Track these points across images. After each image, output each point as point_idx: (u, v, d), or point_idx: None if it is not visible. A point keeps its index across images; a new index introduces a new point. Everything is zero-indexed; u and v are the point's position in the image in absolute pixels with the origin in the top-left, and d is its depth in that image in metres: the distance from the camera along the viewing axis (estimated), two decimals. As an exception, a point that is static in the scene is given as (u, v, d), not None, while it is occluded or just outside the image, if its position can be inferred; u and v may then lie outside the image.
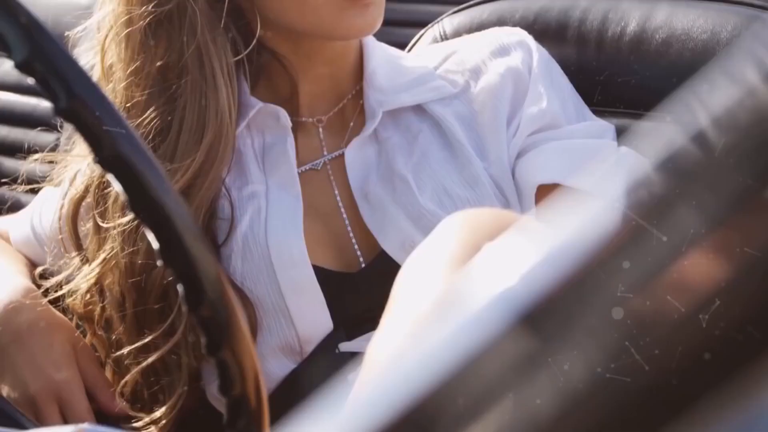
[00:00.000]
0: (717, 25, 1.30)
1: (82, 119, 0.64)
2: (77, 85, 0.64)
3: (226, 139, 1.21)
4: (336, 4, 1.20)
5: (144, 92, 1.21)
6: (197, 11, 1.20)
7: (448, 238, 0.78)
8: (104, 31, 1.24)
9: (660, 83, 1.32)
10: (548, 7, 1.41)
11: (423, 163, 1.26)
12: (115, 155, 0.65)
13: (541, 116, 1.26)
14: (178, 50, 1.21)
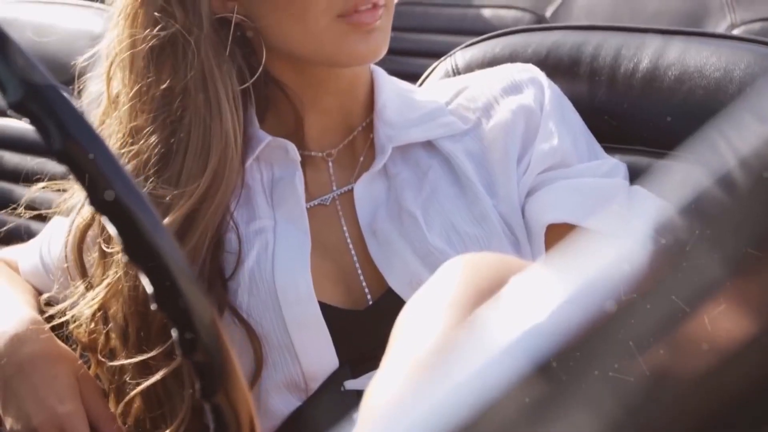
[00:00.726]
0: (730, 63, 1.29)
1: (77, 161, 0.64)
2: (72, 126, 0.63)
3: (231, 164, 1.21)
4: (338, 30, 1.19)
5: (148, 116, 1.21)
6: (202, 37, 1.20)
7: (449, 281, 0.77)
8: (110, 58, 1.24)
9: (672, 121, 1.31)
10: (561, 42, 1.40)
11: (432, 199, 1.25)
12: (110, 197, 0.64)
13: (552, 154, 1.25)
14: (182, 75, 1.20)
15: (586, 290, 0.36)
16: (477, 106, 1.30)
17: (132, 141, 1.22)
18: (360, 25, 1.19)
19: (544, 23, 2.49)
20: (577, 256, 0.38)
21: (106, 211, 0.65)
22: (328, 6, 1.18)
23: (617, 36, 1.38)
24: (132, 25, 1.22)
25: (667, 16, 2.30)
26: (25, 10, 1.95)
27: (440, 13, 2.69)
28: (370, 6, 1.20)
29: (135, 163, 1.22)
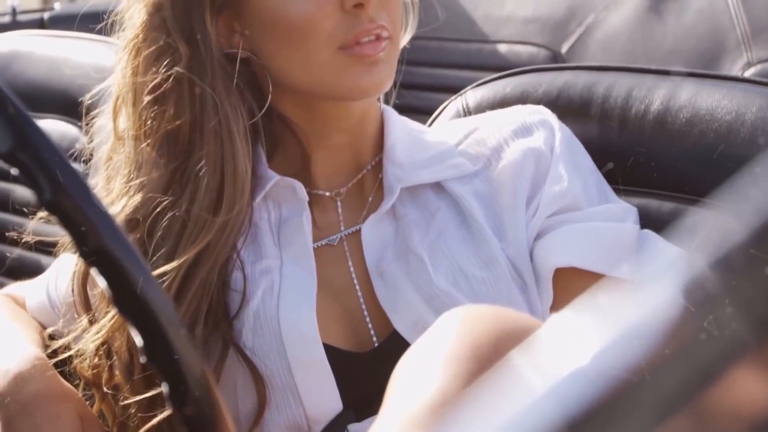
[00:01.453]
0: (742, 106, 1.28)
1: (66, 211, 0.63)
2: (62, 177, 0.63)
3: (241, 201, 1.21)
4: (340, 62, 1.19)
5: (154, 151, 1.21)
6: (211, 72, 1.20)
7: (446, 335, 0.76)
8: (115, 93, 1.24)
9: (683, 164, 1.30)
10: (572, 82, 1.39)
11: (439, 241, 1.24)
12: (99, 249, 0.63)
13: (562, 198, 1.24)
14: (189, 110, 1.20)
15: (623, 339, 0.36)
16: (487, 148, 1.29)
17: (138, 175, 1.22)
18: (362, 57, 1.19)
19: (560, 59, 2.48)
20: (608, 307, 0.37)
21: (96, 263, 0.64)
22: (329, 38, 1.18)
23: (629, 77, 1.37)
24: (136, 61, 1.22)
25: (683, 54, 2.29)
26: (38, 43, 1.96)
27: (456, 48, 2.68)
28: (372, 38, 1.19)
29: (141, 197, 1.22)
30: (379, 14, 1.20)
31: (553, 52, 2.51)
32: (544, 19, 2.55)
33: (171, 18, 1.20)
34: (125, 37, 1.25)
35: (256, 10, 1.20)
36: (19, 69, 1.93)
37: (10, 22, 2.54)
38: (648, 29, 2.38)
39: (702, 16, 2.32)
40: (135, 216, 1.22)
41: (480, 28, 2.66)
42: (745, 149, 1.26)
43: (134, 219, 1.22)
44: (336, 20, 1.18)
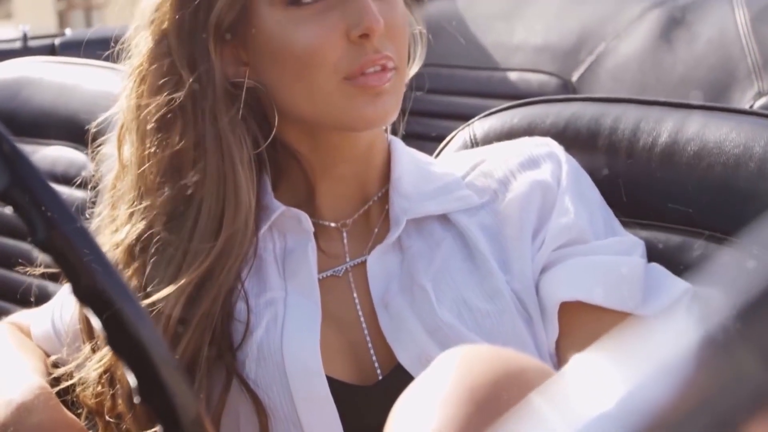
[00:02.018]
0: (750, 140, 1.27)
1: (60, 251, 0.63)
2: (56, 215, 0.62)
3: (244, 231, 1.20)
4: (345, 93, 1.18)
5: (157, 178, 1.21)
6: (215, 101, 1.20)
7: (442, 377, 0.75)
8: (120, 121, 1.25)
9: (691, 196, 1.29)
10: (580, 113, 1.38)
11: (444, 272, 1.24)
12: (92, 288, 0.63)
13: (568, 231, 1.23)
14: (193, 138, 1.20)
15: (647, 383, 0.35)
16: (493, 180, 1.28)
17: (141, 202, 1.22)
18: (367, 87, 1.18)
19: (570, 88, 2.47)
20: (630, 349, 0.36)
21: (89, 302, 0.63)
22: (334, 68, 1.18)
23: (637, 109, 1.36)
24: (140, 89, 1.22)
25: (693, 84, 2.28)
26: (48, 69, 1.96)
27: (466, 75, 2.68)
28: (378, 68, 1.19)
29: (144, 224, 1.22)
30: (384, 45, 1.19)
31: (564, 80, 2.50)
32: (555, 48, 2.55)
33: (176, 46, 1.20)
34: (131, 64, 1.25)
35: (261, 40, 1.20)
36: (28, 95, 1.93)
37: (21, 48, 2.55)
38: (659, 58, 2.37)
39: (713, 45, 2.31)
40: (138, 243, 1.22)
41: (491, 55, 2.65)
42: (753, 183, 1.25)
43: (137, 246, 1.22)
44: (341, 50, 1.18)
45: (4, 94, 1.96)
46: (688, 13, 2.41)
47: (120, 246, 1.23)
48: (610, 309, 1.21)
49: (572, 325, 1.21)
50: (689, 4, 2.43)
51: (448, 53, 2.72)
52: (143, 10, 1.23)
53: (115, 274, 0.63)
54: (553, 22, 2.61)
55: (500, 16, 2.73)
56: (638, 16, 2.48)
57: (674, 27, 2.40)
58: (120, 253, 1.23)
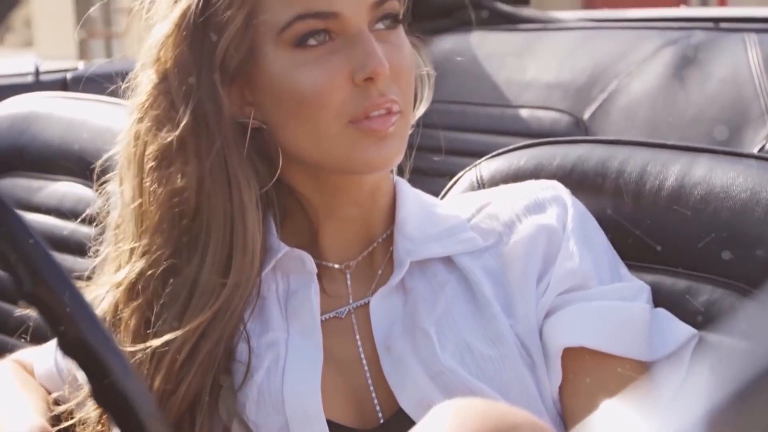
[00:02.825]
0: (757, 185, 1.26)
1: (45, 303, 0.62)
2: (42, 268, 0.62)
3: (250, 273, 1.20)
4: (349, 136, 1.18)
5: (158, 217, 1.21)
6: (223, 141, 1.19)
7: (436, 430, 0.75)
8: (122, 159, 1.24)
9: (697, 241, 1.28)
10: (587, 155, 1.38)
11: (447, 316, 1.23)
12: (78, 342, 0.62)
13: (573, 275, 1.23)
14: (196, 176, 1.20)
15: None
16: (499, 223, 1.27)
17: (143, 240, 1.22)
18: (372, 131, 1.18)
19: (582, 125, 2.47)
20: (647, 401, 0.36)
21: (74, 353, 0.63)
22: (338, 112, 1.17)
23: (643, 151, 1.36)
24: (142, 126, 1.22)
25: (705, 123, 2.27)
26: (57, 105, 1.96)
27: (478, 112, 2.68)
28: (383, 112, 1.18)
29: (146, 262, 1.21)
30: (390, 88, 1.19)
31: (576, 118, 2.50)
32: (567, 85, 2.55)
33: (179, 85, 1.20)
34: (135, 102, 1.25)
35: (267, 81, 1.20)
36: (37, 130, 1.93)
37: (33, 82, 2.56)
38: (671, 97, 2.36)
39: (725, 84, 2.31)
40: (139, 281, 1.22)
41: (503, 92, 2.65)
42: (760, 228, 1.24)
43: (138, 284, 1.22)
44: (346, 93, 1.17)
45: (14, 129, 1.97)
46: (701, 51, 2.40)
47: (121, 285, 1.23)
48: (615, 355, 1.20)
49: (576, 370, 1.20)
50: (702, 43, 2.42)
51: (460, 89, 2.72)
52: (149, 48, 1.23)
53: (100, 328, 0.62)
54: (565, 59, 2.61)
55: (512, 53, 2.73)
56: (651, 54, 2.48)
57: (687, 65, 2.40)
58: (121, 292, 1.23)
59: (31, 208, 1.90)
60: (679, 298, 1.28)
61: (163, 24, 1.21)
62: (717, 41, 2.41)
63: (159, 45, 1.21)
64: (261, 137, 1.23)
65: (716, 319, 1.25)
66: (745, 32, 2.39)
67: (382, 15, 1.20)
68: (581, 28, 2.80)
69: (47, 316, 0.62)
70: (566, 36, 2.73)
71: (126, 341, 1.21)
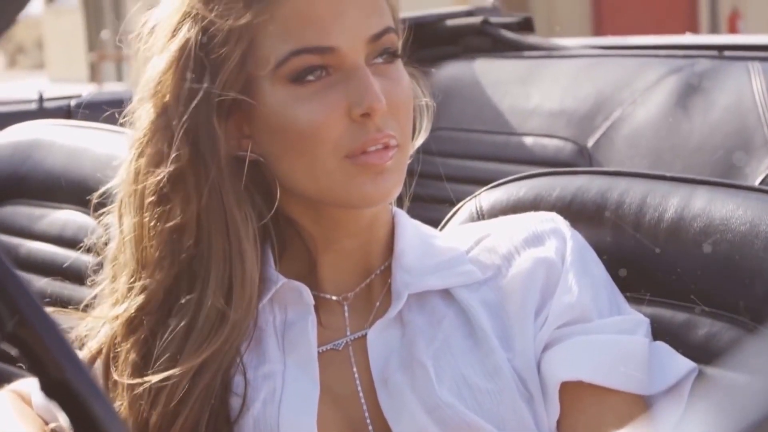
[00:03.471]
0: (756, 217, 1.25)
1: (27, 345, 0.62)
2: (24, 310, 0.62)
3: (248, 307, 1.20)
4: (346, 171, 1.18)
5: (157, 252, 1.21)
6: (220, 176, 1.19)
7: None
8: (120, 193, 1.24)
9: (697, 273, 1.27)
10: (586, 187, 1.37)
11: (444, 349, 1.23)
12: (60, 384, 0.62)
13: (571, 309, 1.22)
14: (196, 211, 1.20)
15: None
16: (497, 256, 1.27)
17: (142, 276, 1.22)
18: (369, 166, 1.18)
19: (586, 153, 2.46)
20: None
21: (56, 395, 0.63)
22: (335, 147, 1.17)
23: (643, 183, 1.35)
24: (140, 161, 1.22)
25: (708, 152, 2.27)
26: (60, 132, 1.97)
27: (482, 139, 2.68)
28: (380, 147, 1.18)
29: (144, 298, 1.21)
30: (387, 123, 1.19)
31: (579, 146, 2.50)
32: (571, 113, 2.55)
33: (177, 119, 1.20)
34: (134, 136, 1.25)
35: (264, 115, 1.20)
36: (40, 158, 1.93)
37: (37, 110, 2.56)
38: (675, 125, 2.36)
39: (729, 113, 2.31)
40: (138, 317, 1.22)
41: (506, 120, 2.66)
42: (759, 261, 1.24)
43: (137, 320, 1.22)
44: (342, 129, 1.17)
45: (17, 157, 1.97)
46: (705, 80, 2.40)
47: (119, 318, 1.23)
48: (613, 389, 1.19)
49: (573, 405, 1.20)
50: (706, 71, 2.42)
51: (464, 117, 2.72)
52: (146, 82, 1.23)
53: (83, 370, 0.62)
54: (569, 87, 2.61)
55: (517, 80, 2.73)
56: (655, 82, 2.48)
57: (691, 94, 2.40)
58: (119, 326, 1.23)
59: (33, 236, 1.90)
60: (679, 331, 1.28)
61: (160, 57, 1.21)
62: (721, 69, 2.41)
63: (157, 79, 1.21)
64: (259, 170, 1.23)
65: (716, 353, 1.24)
66: (749, 61, 2.39)
67: (380, 49, 1.20)
68: (585, 56, 2.80)
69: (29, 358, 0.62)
70: (570, 63, 2.74)
71: (124, 375, 1.21)
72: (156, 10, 1.25)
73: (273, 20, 1.17)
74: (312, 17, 1.17)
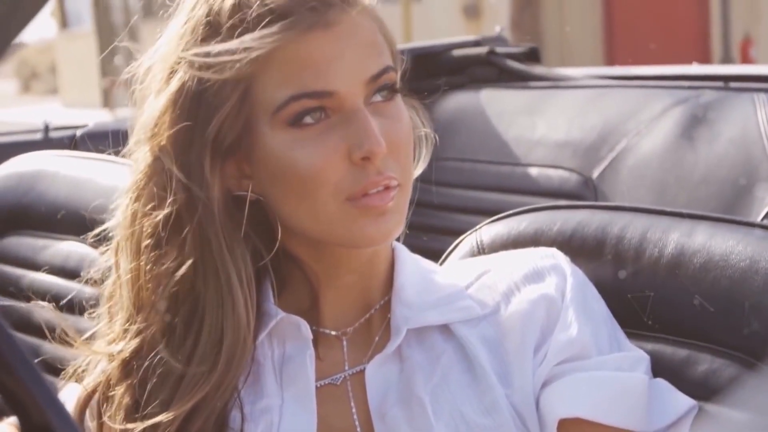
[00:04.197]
0: (756, 254, 1.25)
1: (9, 389, 0.62)
2: (6, 354, 0.61)
3: (243, 350, 1.20)
4: (348, 213, 1.18)
5: (152, 295, 1.21)
6: (214, 220, 1.19)
7: None
8: (117, 233, 1.24)
9: (697, 309, 1.27)
10: (587, 221, 1.37)
11: (442, 385, 1.22)
12: (43, 428, 0.62)
13: (570, 346, 1.22)
14: (193, 256, 1.19)
15: None
16: (497, 292, 1.27)
17: (137, 319, 1.22)
18: (370, 208, 1.18)
19: (591, 184, 2.46)
20: None
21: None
22: (335, 190, 1.17)
23: (643, 218, 1.35)
24: (137, 205, 1.21)
25: (713, 184, 2.27)
26: (64, 163, 1.97)
27: (487, 170, 2.68)
28: (381, 188, 1.18)
29: (139, 342, 1.21)
30: (387, 164, 1.18)
31: (584, 177, 2.50)
32: (576, 144, 2.55)
33: (173, 164, 1.19)
34: (130, 180, 1.24)
35: (263, 158, 1.19)
36: (43, 189, 1.94)
37: (42, 140, 2.56)
38: (680, 156, 2.36)
39: (734, 144, 2.30)
40: (131, 361, 1.21)
41: (512, 150, 2.66)
42: (759, 297, 1.23)
43: (130, 364, 1.21)
44: (343, 172, 1.17)
45: (20, 188, 1.97)
46: (710, 111, 2.40)
47: (115, 359, 1.23)
48: (612, 426, 1.19)
49: None
50: (711, 103, 2.42)
51: (469, 147, 2.73)
52: (143, 124, 1.23)
53: (64, 414, 0.62)
54: (574, 117, 2.61)
55: (522, 111, 2.74)
56: (660, 113, 2.48)
57: (696, 125, 2.40)
58: (115, 368, 1.23)
59: (36, 266, 1.90)
60: (679, 368, 1.27)
61: (158, 99, 1.21)
62: (726, 101, 2.41)
63: (153, 122, 1.21)
64: (260, 208, 1.23)
65: (716, 389, 1.23)
66: (754, 92, 2.39)
67: (379, 88, 1.20)
68: (591, 86, 2.80)
69: (11, 403, 0.62)
70: (576, 94, 2.74)
71: (117, 419, 1.21)
72: (152, 50, 1.25)
73: (270, 65, 1.17)
74: (309, 61, 1.16)
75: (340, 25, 1.17)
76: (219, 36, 1.18)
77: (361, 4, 1.20)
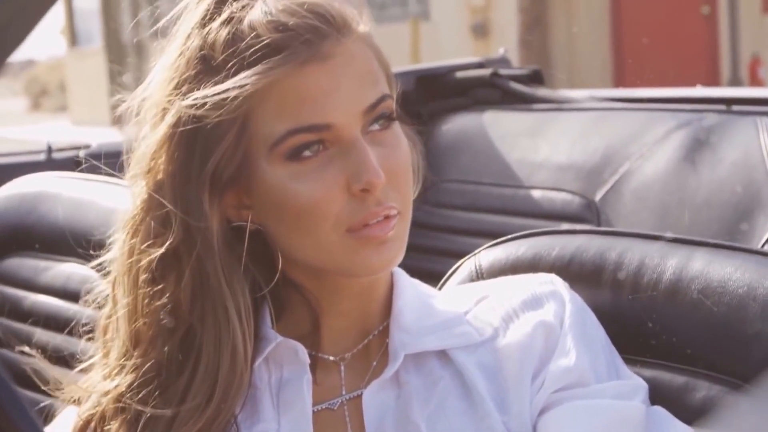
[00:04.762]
0: (754, 281, 1.25)
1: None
2: None
3: (240, 382, 1.19)
4: (349, 244, 1.18)
5: (148, 329, 1.20)
6: (212, 254, 1.19)
7: None
8: (114, 269, 1.24)
9: (695, 336, 1.27)
10: (585, 247, 1.37)
11: (439, 412, 1.22)
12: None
13: (568, 373, 1.21)
14: (190, 292, 1.19)
15: None
16: (495, 318, 1.27)
17: (133, 354, 1.22)
18: (371, 238, 1.17)
19: (594, 207, 2.46)
20: None
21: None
22: (336, 222, 1.17)
23: (642, 244, 1.35)
24: (134, 240, 1.21)
25: (716, 207, 2.27)
26: (66, 185, 1.97)
27: (490, 192, 2.68)
28: (381, 218, 1.18)
29: (134, 378, 1.21)
30: (387, 194, 1.18)
31: (587, 200, 2.50)
32: (579, 166, 2.55)
33: (171, 198, 1.19)
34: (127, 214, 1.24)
35: (262, 190, 1.19)
36: (45, 210, 1.94)
37: (45, 160, 2.57)
38: (682, 179, 2.36)
39: (737, 168, 2.30)
40: (127, 394, 1.21)
41: (514, 172, 2.66)
42: (756, 324, 1.23)
43: (127, 396, 1.21)
44: (342, 204, 1.17)
45: (23, 209, 1.97)
46: (713, 134, 2.40)
47: (109, 395, 1.22)
48: None
49: None
50: (714, 126, 2.42)
51: (472, 169, 2.73)
52: (139, 159, 1.22)
53: None
54: (577, 140, 2.61)
55: (525, 133, 2.74)
56: (663, 136, 2.48)
57: (699, 148, 2.40)
58: (109, 402, 1.22)
59: (37, 288, 1.90)
60: (678, 394, 1.27)
61: (153, 134, 1.21)
62: (729, 124, 2.41)
63: (149, 157, 1.20)
64: (260, 237, 1.22)
65: (714, 416, 1.23)
66: (757, 116, 2.39)
67: (376, 117, 1.20)
68: (594, 109, 2.80)
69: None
70: (579, 117, 2.74)
71: None
72: (146, 81, 1.25)
73: (267, 99, 1.16)
74: (306, 95, 1.16)
75: (335, 57, 1.17)
76: (213, 71, 1.18)
77: (355, 33, 1.20)
